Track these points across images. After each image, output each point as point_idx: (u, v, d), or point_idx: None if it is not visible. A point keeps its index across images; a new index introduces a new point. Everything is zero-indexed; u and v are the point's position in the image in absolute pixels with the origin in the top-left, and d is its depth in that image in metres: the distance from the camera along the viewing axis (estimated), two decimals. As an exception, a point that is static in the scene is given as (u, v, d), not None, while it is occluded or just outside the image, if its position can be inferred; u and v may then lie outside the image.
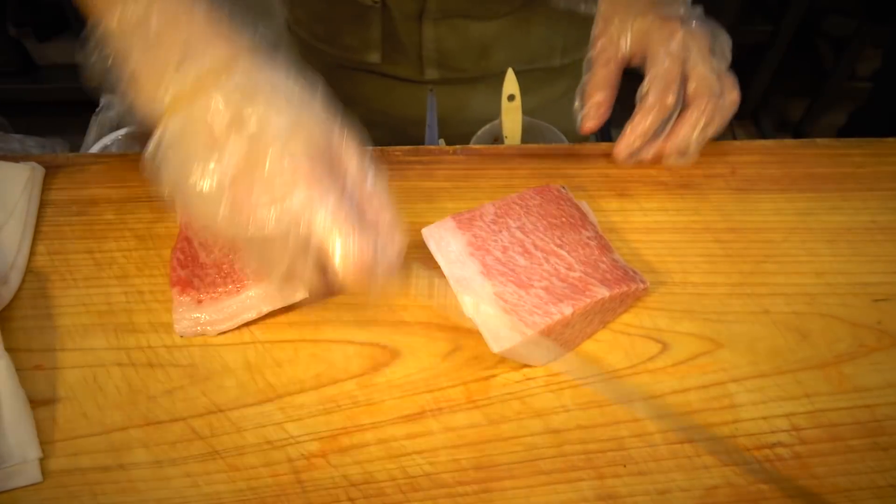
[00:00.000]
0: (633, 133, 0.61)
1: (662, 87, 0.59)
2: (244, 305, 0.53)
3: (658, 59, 0.59)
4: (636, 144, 0.61)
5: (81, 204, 0.60)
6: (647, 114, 0.60)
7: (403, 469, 0.48)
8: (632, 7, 0.62)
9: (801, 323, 0.56)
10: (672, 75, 0.59)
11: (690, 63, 0.60)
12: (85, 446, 0.48)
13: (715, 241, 0.60)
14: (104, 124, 0.87)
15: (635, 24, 0.61)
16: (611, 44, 0.62)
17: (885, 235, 0.62)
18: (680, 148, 0.61)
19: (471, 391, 0.51)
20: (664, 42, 0.59)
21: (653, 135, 0.62)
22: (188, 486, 0.46)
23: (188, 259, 0.55)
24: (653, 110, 0.60)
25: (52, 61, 1.90)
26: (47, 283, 0.55)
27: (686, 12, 0.61)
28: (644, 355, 0.54)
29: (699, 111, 0.60)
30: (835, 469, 0.49)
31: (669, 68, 0.59)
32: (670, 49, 0.59)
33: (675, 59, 0.59)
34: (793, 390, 0.52)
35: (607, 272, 0.53)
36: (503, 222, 0.53)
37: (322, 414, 0.50)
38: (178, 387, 0.51)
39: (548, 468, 0.48)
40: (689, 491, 0.47)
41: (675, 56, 0.59)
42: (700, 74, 0.60)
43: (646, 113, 0.60)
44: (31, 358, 0.52)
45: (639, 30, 0.61)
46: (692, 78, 0.60)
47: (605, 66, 0.62)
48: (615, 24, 0.62)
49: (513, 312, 0.48)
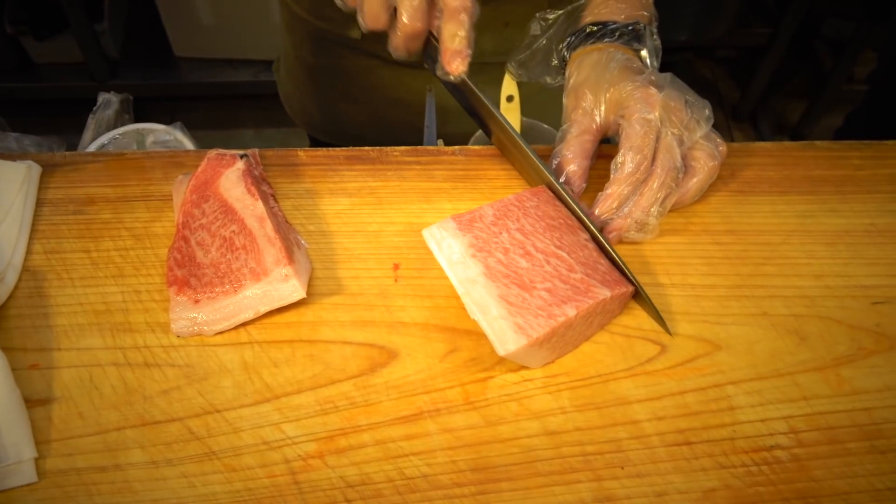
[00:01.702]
0: (608, 199, 0.58)
1: (640, 157, 0.57)
2: (241, 305, 0.53)
3: (634, 129, 0.58)
4: (614, 206, 0.58)
5: (78, 203, 0.60)
6: (622, 183, 0.57)
7: (400, 470, 0.48)
8: (602, 78, 0.61)
9: (799, 325, 0.56)
10: (649, 144, 0.58)
11: (661, 132, 0.58)
12: (81, 446, 0.48)
13: (713, 243, 0.60)
14: (101, 123, 0.87)
15: (609, 94, 0.60)
16: (585, 116, 0.61)
17: (884, 238, 0.62)
18: (640, 221, 0.58)
19: (468, 392, 0.51)
20: (639, 110, 0.58)
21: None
22: (184, 486, 0.46)
23: (185, 259, 0.55)
24: (630, 178, 0.57)
25: (50, 60, 1.90)
26: (44, 282, 0.55)
27: (658, 79, 0.60)
28: (642, 357, 0.54)
29: (659, 182, 0.57)
30: (833, 472, 0.49)
31: (645, 138, 0.57)
32: (646, 118, 0.58)
33: (651, 128, 0.57)
34: (791, 393, 0.52)
35: (607, 273, 0.53)
36: (502, 224, 0.53)
37: (319, 415, 0.50)
38: (175, 387, 0.50)
39: (545, 470, 0.48)
40: (687, 493, 0.47)
41: (651, 124, 0.57)
42: (665, 145, 0.58)
43: (621, 182, 0.58)
44: (27, 357, 0.51)
45: (612, 100, 0.60)
46: (658, 149, 0.58)
47: (580, 137, 0.61)
48: (588, 97, 0.61)
49: (518, 315, 0.48)
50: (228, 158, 0.60)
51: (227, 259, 0.54)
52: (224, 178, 0.58)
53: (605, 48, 0.64)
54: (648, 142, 0.57)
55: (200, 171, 0.59)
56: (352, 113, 0.95)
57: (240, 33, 1.86)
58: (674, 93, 0.59)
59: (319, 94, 0.96)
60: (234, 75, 1.94)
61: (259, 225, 0.55)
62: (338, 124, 0.98)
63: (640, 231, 0.58)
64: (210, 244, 0.55)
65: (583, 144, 0.61)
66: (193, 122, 1.45)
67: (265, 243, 0.54)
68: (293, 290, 0.53)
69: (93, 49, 1.81)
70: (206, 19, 1.83)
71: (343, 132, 0.99)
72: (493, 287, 0.49)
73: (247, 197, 0.57)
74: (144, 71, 1.96)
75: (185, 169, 0.63)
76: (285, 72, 1.00)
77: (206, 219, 0.57)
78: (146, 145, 0.83)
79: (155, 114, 1.03)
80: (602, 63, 0.62)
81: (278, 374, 0.51)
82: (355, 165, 0.64)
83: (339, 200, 0.61)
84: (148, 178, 0.62)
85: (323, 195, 0.62)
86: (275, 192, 0.61)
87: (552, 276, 0.51)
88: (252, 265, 0.53)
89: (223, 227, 0.56)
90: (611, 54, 0.63)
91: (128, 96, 0.94)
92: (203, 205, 0.58)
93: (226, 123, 2.10)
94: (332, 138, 1.02)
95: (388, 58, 0.60)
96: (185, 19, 1.83)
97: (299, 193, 0.62)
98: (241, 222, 0.56)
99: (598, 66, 0.62)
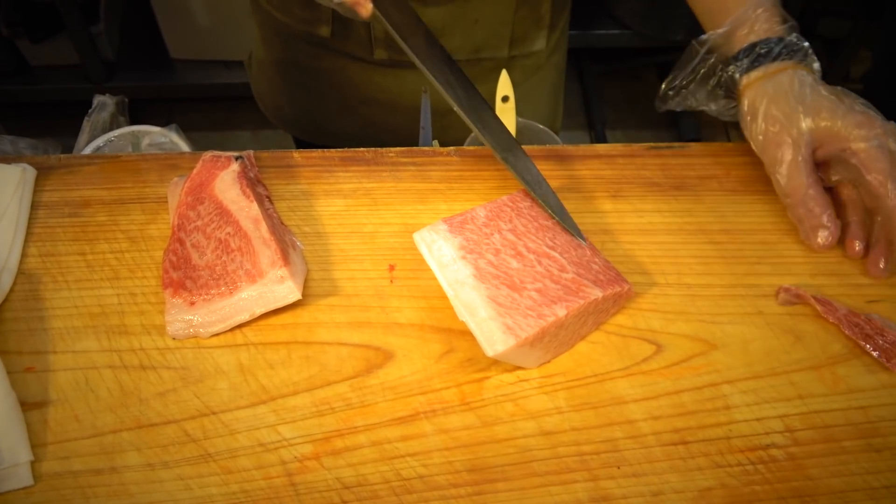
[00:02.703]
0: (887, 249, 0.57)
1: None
2: (237, 307, 0.53)
3: (878, 160, 0.55)
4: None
5: (73, 205, 0.60)
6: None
7: (397, 471, 0.48)
8: (799, 104, 0.59)
9: (794, 324, 0.56)
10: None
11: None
12: (77, 449, 0.48)
13: (709, 242, 0.61)
14: (96, 125, 0.87)
15: (817, 123, 0.58)
16: (795, 151, 0.58)
17: (879, 236, 0.62)
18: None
19: (464, 393, 0.51)
20: (873, 139, 0.56)
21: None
22: (181, 488, 0.46)
23: (180, 261, 0.55)
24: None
25: (45, 62, 1.89)
26: (39, 284, 0.55)
27: (861, 104, 0.58)
28: (638, 356, 0.54)
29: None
30: (829, 470, 0.49)
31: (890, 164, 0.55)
32: (887, 145, 0.56)
33: (889, 154, 0.55)
34: (786, 392, 0.52)
35: (600, 273, 0.53)
36: (494, 225, 0.53)
37: (315, 416, 0.50)
38: (171, 389, 0.50)
39: (541, 470, 0.48)
40: (683, 492, 0.47)
41: (890, 151, 0.55)
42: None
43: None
44: (23, 360, 0.51)
45: (825, 130, 0.57)
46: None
47: (809, 178, 0.58)
48: (791, 128, 0.58)
49: (507, 316, 0.48)
50: (224, 160, 0.60)
51: (223, 261, 0.54)
52: (219, 180, 0.58)
53: (786, 69, 0.61)
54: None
55: (196, 173, 0.59)
56: (324, 110, 0.94)
57: (236, 35, 1.85)
58: (871, 109, 0.58)
59: (291, 91, 0.95)
60: (230, 77, 1.94)
61: (254, 227, 0.55)
62: (311, 122, 0.98)
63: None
64: (205, 246, 0.55)
65: (817, 185, 0.58)
66: (189, 124, 1.45)
67: (260, 245, 0.54)
68: (289, 291, 0.53)
69: (88, 51, 1.81)
70: (202, 21, 1.82)
71: (317, 129, 0.98)
72: (483, 288, 0.49)
73: (242, 199, 0.57)
74: (140, 73, 1.95)
75: (181, 171, 0.63)
76: (257, 69, 1.00)
77: (202, 221, 0.57)
78: (141, 147, 0.83)
79: (151, 116, 1.03)
80: (793, 88, 0.59)
81: (274, 375, 0.51)
82: (350, 166, 0.64)
83: (335, 202, 0.61)
84: (143, 181, 0.62)
85: (318, 196, 0.62)
86: (270, 194, 0.61)
87: (543, 277, 0.51)
88: (247, 267, 0.53)
89: (218, 228, 0.56)
90: (797, 76, 0.60)
91: (123, 98, 0.94)
92: (198, 207, 0.58)
93: (222, 125, 2.09)
94: (306, 135, 1.02)
95: (357, 56, 0.59)
96: (180, 21, 1.83)
97: (294, 195, 0.62)
98: (236, 224, 0.56)
99: (789, 93, 0.59)
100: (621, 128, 2.11)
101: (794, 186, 0.59)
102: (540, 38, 0.86)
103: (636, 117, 2.14)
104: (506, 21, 0.82)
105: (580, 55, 2.16)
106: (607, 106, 2.12)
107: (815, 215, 0.58)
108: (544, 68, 0.92)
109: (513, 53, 0.86)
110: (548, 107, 0.98)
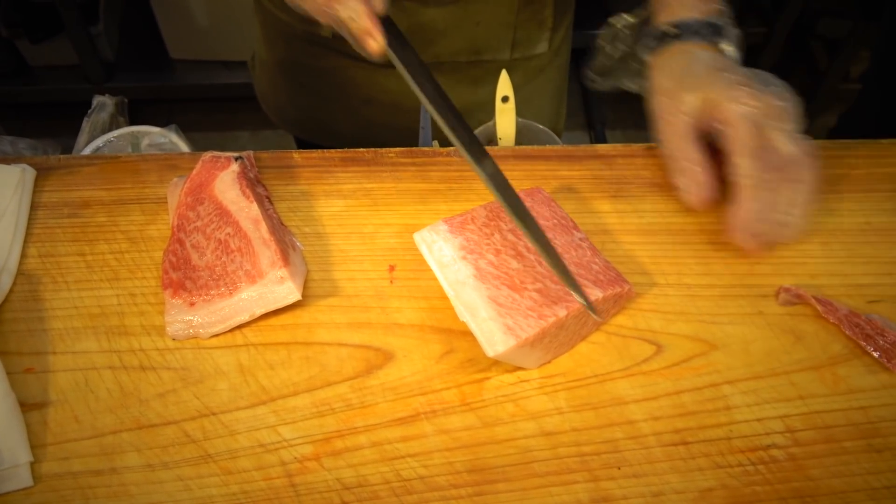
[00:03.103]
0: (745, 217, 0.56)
1: (760, 163, 0.55)
2: (236, 308, 0.53)
3: (740, 133, 0.55)
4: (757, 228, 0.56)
5: (73, 206, 0.60)
6: (753, 198, 0.55)
7: (397, 472, 0.47)
8: (688, 80, 0.59)
9: (795, 324, 0.56)
10: (761, 145, 0.56)
11: (768, 130, 0.56)
12: (76, 450, 0.48)
13: (709, 242, 0.60)
14: (96, 126, 0.87)
15: (699, 96, 0.58)
16: (678, 120, 0.58)
17: (879, 237, 0.62)
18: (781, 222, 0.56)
19: (464, 393, 0.51)
20: (739, 111, 0.55)
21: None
22: (180, 489, 0.46)
23: (180, 261, 0.55)
24: (762, 188, 0.55)
25: (45, 62, 1.89)
26: (38, 285, 0.55)
27: (747, 75, 0.58)
28: (638, 357, 0.54)
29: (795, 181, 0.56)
30: (829, 471, 0.49)
31: (756, 139, 0.55)
32: (749, 117, 0.55)
33: (758, 128, 0.55)
34: (787, 392, 0.52)
35: (600, 273, 0.53)
36: (495, 225, 0.53)
37: (315, 417, 0.50)
38: (171, 390, 0.50)
39: (542, 470, 0.48)
40: (684, 493, 0.47)
41: (757, 124, 0.55)
42: (780, 141, 0.56)
43: (751, 197, 0.56)
44: (22, 361, 0.51)
45: (705, 102, 0.58)
46: (775, 147, 0.56)
47: (684, 139, 0.59)
48: (676, 102, 0.59)
49: (507, 316, 0.48)
50: (223, 161, 0.59)
51: (223, 261, 0.54)
52: (219, 181, 0.58)
53: (687, 48, 0.62)
54: (760, 143, 0.55)
55: (195, 173, 0.59)
56: (326, 110, 0.94)
57: (235, 35, 1.85)
58: (766, 87, 0.57)
59: (293, 91, 0.95)
60: (230, 77, 1.94)
61: (254, 227, 0.55)
62: (313, 121, 0.98)
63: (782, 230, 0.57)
64: (205, 247, 0.55)
65: (691, 144, 0.59)
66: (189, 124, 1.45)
67: (260, 245, 0.54)
68: (289, 292, 0.53)
69: (88, 52, 1.81)
70: (202, 21, 1.82)
71: (319, 130, 0.98)
72: (483, 289, 0.49)
73: (242, 199, 0.57)
74: (140, 73, 1.95)
75: (180, 171, 0.63)
76: (260, 69, 1.00)
77: (202, 221, 0.57)
78: (141, 148, 0.83)
79: (151, 116, 1.03)
80: (686, 65, 0.60)
81: (274, 376, 0.51)
82: (350, 167, 0.64)
83: (335, 202, 0.61)
84: (143, 181, 0.62)
85: (318, 197, 0.62)
86: (270, 195, 0.61)
87: (544, 277, 0.51)
88: (247, 267, 0.53)
89: (218, 229, 0.56)
90: (694, 54, 0.61)
91: (123, 99, 0.94)
92: (198, 207, 0.57)
93: (221, 126, 2.09)
94: (308, 135, 1.02)
95: (359, 57, 0.59)
96: (180, 21, 1.83)
97: (294, 195, 0.62)
98: (236, 225, 0.56)
99: (682, 69, 0.60)
100: (621, 128, 2.11)
101: (671, 149, 0.60)
102: (542, 40, 0.86)
103: (636, 117, 2.12)
104: (508, 24, 0.82)
105: (580, 55, 2.16)
106: (607, 106, 2.12)
107: (690, 175, 0.59)
108: (547, 71, 0.92)
109: (515, 56, 0.86)
110: (551, 109, 0.98)
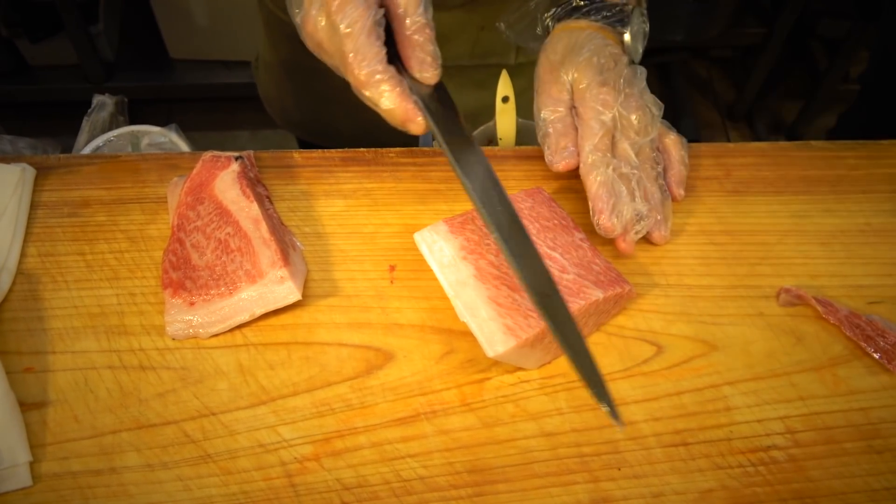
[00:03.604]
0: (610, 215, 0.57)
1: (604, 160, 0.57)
2: (236, 308, 0.53)
3: (590, 129, 0.58)
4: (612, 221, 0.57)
5: (73, 205, 0.60)
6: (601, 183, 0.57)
7: (397, 472, 0.47)
8: (572, 62, 0.60)
9: (795, 325, 0.56)
10: (607, 146, 0.58)
11: (616, 137, 0.58)
12: (76, 450, 0.47)
13: (709, 243, 0.60)
14: (96, 125, 0.86)
15: (574, 80, 0.60)
16: (559, 94, 0.61)
17: (879, 238, 0.62)
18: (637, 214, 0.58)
19: (465, 394, 0.51)
20: (596, 112, 0.58)
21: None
22: (180, 489, 0.46)
23: (180, 261, 0.55)
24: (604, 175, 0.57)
25: (45, 62, 1.89)
26: (38, 285, 0.55)
27: (623, 76, 0.59)
28: (638, 358, 0.53)
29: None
30: (829, 472, 0.49)
31: (603, 139, 0.58)
32: (601, 119, 0.58)
33: (607, 131, 0.58)
34: (787, 393, 0.52)
35: (601, 274, 0.53)
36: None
37: (315, 417, 0.50)
38: (170, 390, 0.50)
39: (542, 471, 0.48)
40: (684, 494, 0.47)
41: (605, 127, 0.58)
42: (621, 151, 0.58)
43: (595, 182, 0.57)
44: (22, 360, 0.51)
45: (575, 88, 0.60)
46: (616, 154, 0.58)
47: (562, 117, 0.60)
48: (555, 79, 0.61)
49: (507, 316, 0.48)
50: (223, 160, 0.59)
51: (223, 261, 0.54)
52: (219, 181, 0.58)
53: (586, 28, 0.63)
54: (605, 144, 0.57)
55: (195, 173, 0.59)
56: (330, 112, 0.94)
57: (235, 35, 1.86)
58: (632, 93, 0.59)
59: (298, 93, 0.95)
60: (230, 77, 1.94)
61: (254, 227, 0.55)
62: (317, 123, 0.98)
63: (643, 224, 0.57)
64: (205, 246, 0.55)
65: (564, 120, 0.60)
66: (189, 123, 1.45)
67: (260, 245, 0.54)
68: (289, 292, 0.53)
69: (88, 51, 1.81)
70: (202, 21, 1.82)
71: (323, 131, 0.98)
72: (483, 289, 0.49)
73: (242, 199, 0.57)
74: (140, 73, 1.95)
75: (180, 171, 0.62)
76: (264, 71, 1.00)
77: (202, 221, 0.57)
78: (141, 147, 0.83)
79: (150, 116, 1.03)
80: (577, 45, 0.61)
81: (274, 376, 0.51)
82: (350, 167, 0.64)
83: (335, 202, 0.61)
84: (143, 181, 0.62)
85: (318, 197, 0.62)
86: (270, 194, 0.61)
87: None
88: (247, 267, 0.53)
89: (218, 229, 0.56)
90: (589, 36, 0.62)
91: (123, 98, 0.94)
92: (198, 207, 0.57)
93: (221, 125, 2.09)
94: (312, 136, 1.01)
95: None
96: (180, 21, 1.83)
97: (294, 195, 0.62)
98: (236, 224, 0.55)
99: (572, 48, 0.61)
100: (621, 128, 2.11)
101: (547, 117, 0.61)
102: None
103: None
104: None
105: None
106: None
107: (556, 144, 0.59)
108: None
109: (520, 60, 0.86)
110: None
